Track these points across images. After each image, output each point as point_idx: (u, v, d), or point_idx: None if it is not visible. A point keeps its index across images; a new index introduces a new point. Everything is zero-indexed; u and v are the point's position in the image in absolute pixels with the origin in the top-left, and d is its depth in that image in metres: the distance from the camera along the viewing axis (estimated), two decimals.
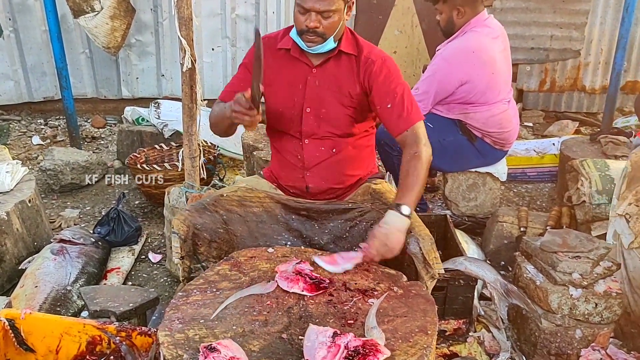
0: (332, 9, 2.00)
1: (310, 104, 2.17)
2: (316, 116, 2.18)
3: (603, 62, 5.59)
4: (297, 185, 2.29)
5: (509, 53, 3.28)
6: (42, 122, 5.44)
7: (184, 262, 2.07)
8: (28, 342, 1.99)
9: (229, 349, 1.45)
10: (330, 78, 2.16)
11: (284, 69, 2.19)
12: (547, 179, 4.27)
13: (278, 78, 2.19)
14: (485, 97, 3.11)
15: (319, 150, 2.22)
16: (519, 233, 2.99)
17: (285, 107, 2.21)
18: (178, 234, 2.05)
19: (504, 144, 3.29)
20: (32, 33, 5.28)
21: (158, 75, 5.64)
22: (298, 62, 2.18)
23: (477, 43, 3.07)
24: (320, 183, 2.27)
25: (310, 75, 2.17)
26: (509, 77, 3.28)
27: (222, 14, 5.48)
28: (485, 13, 3.15)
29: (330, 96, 2.16)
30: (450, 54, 3.12)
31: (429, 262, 1.94)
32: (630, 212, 2.44)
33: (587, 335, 2.26)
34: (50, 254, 2.75)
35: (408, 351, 1.51)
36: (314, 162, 2.24)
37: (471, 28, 3.10)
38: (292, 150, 2.26)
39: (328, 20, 2.02)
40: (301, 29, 2.05)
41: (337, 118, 2.18)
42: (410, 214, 1.94)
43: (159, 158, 3.96)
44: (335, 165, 2.25)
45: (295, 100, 2.18)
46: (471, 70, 3.05)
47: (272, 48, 2.19)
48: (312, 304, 1.72)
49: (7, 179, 2.98)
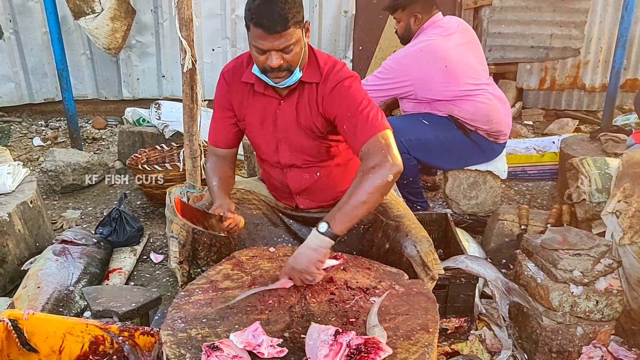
0: (291, 43, 1.83)
1: (282, 137, 2.08)
2: (291, 148, 2.10)
3: (603, 61, 5.59)
4: (288, 204, 2.28)
5: (475, 45, 3.34)
6: (43, 124, 5.45)
7: (182, 267, 2.07)
8: (31, 343, 2.00)
9: (231, 348, 1.46)
10: (295, 112, 2.04)
11: (252, 104, 2.09)
12: (548, 177, 4.27)
13: (249, 112, 2.10)
14: (450, 90, 3.16)
15: (303, 177, 2.16)
16: (520, 231, 2.99)
17: (261, 141, 2.14)
18: (177, 239, 2.04)
19: (498, 136, 3.30)
20: (33, 35, 5.30)
21: (158, 76, 5.65)
22: (264, 97, 2.05)
23: (425, 43, 3.18)
24: (310, 204, 2.24)
25: (279, 109, 2.05)
26: (479, 67, 3.29)
27: (222, 15, 5.49)
28: (439, 15, 3.27)
29: (297, 129, 2.05)
30: (399, 55, 3.25)
31: (428, 264, 1.94)
32: (620, 209, 2.46)
33: (588, 333, 2.27)
34: (53, 255, 2.75)
35: (410, 349, 1.51)
36: (299, 188, 2.19)
37: (423, 31, 3.24)
38: (277, 177, 2.20)
39: (290, 54, 1.86)
40: (263, 67, 1.89)
41: (310, 148, 2.08)
42: (327, 232, 1.75)
43: (160, 158, 3.97)
44: (322, 187, 2.19)
45: (268, 134, 2.10)
46: (420, 67, 3.13)
47: (237, 79, 2.08)
48: (313, 303, 1.73)
49: (8, 181, 2.98)
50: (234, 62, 2.14)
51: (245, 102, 2.09)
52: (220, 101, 2.14)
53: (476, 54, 3.32)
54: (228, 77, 2.11)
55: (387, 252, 2.07)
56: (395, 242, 2.04)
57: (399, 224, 2.07)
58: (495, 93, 3.30)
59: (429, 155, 3.26)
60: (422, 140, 3.18)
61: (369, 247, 2.17)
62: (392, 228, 2.08)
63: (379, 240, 2.12)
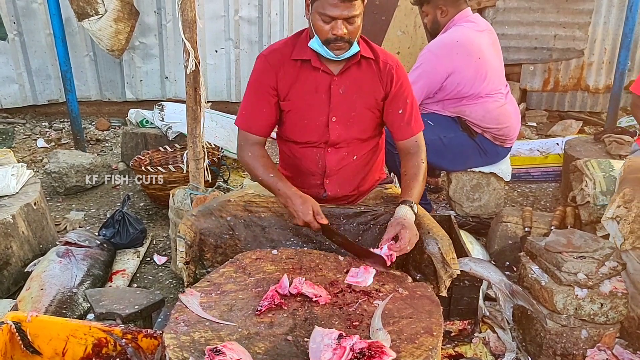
0: (357, 14, 1.97)
1: (336, 112, 2.16)
2: (344, 123, 2.17)
3: (607, 62, 5.58)
4: (313, 192, 2.27)
5: (499, 49, 3.36)
6: (46, 125, 5.46)
7: (188, 267, 2.08)
8: (34, 345, 1.99)
9: (234, 351, 1.45)
10: (355, 84, 2.15)
11: (302, 80, 2.15)
12: (551, 178, 4.26)
13: (297, 90, 2.15)
14: (475, 87, 3.16)
15: (342, 157, 2.24)
16: (524, 233, 2.98)
17: (309, 119, 2.18)
18: (184, 239, 2.05)
19: (504, 140, 3.30)
20: (37, 36, 5.31)
21: (162, 78, 5.65)
22: (317, 72, 2.13)
23: (460, 34, 3.18)
24: (337, 190, 2.29)
25: (333, 83, 2.14)
26: (501, 72, 3.34)
27: (225, 16, 5.50)
28: (469, 11, 3.27)
29: (357, 101, 2.16)
30: (435, 46, 3.24)
31: (447, 261, 1.98)
32: (620, 215, 2.45)
33: (593, 336, 2.26)
34: (56, 257, 2.75)
35: (414, 352, 1.51)
36: (335, 169, 2.25)
37: (455, 24, 3.23)
38: (314, 159, 2.25)
39: (353, 25, 1.99)
40: (327, 38, 2.00)
41: (365, 122, 2.20)
42: (417, 213, 2.05)
43: (163, 160, 3.97)
44: (354, 170, 2.28)
45: (319, 110, 2.16)
46: (456, 59, 3.13)
47: (286, 58, 2.14)
48: (317, 306, 1.72)
49: (12, 182, 2.98)
50: (275, 45, 2.22)
51: (294, 80, 2.14)
52: (261, 84, 2.17)
53: (499, 57, 3.35)
54: (272, 59, 2.15)
55: None
56: None
57: (420, 222, 2.11)
58: (510, 99, 3.32)
59: (433, 155, 3.23)
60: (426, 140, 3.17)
61: None
62: None
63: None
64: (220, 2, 5.44)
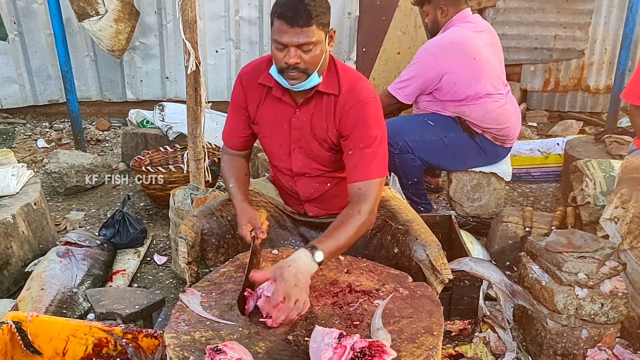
0: (311, 41, 1.80)
1: (296, 144, 2.07)
2: (304, 156, 2.08)
3: (607, 62, 5.58)
4: (296, 210, 2.28)
5: (499, 49, 3.36)
6: (47, 125, 5.46)
7: (191, 267, 2.08)
8: (35, 345, 2.00)
9: (235, 351, 1.45)
10: (310, 120, 2.01)
11: (266, 107, 2.06)
12: (552, 179, 4.26)
13: (262, 115, 2.08)
14: (472, 87, 3.15)
15: (313, 186, 2.16)
16: (524, 233, 2.98)
17: (273, 146, 2.13)
18: (186, 240, 2.06)
19: (505, 140, 3.30)
20: (37, 37, 5.31)
21: (162, 78, 5.65)
22: (281, 103, 2.02)
23: (457, 35, 3.18)
24: (319, 212, 2.25)
25: (294, 116, 2.02)
26: (501, 72, 3.33)
27: (225, 16, 5.49)
28: (469, 11, 3.27)
29: (312, 138, 2.04)
30: (431, 46, 3.25)
31: (437, 268, 1.95)
32: (617, 215, 2.45)
33: (594, 336, 2.26)
34: (56, 257, 2.76)
35: (414, 352, 1.51)
36: (309, 197, 2.20)
37: (453, 24, 3.24)
38: (287, 184, 2.20)
39: (309, 54, 1.82)
40: (281, 66, 1.86)
41: (324, 158, 2.08)
42: (321, 263, 1.73)
43: (164, 160, 3.97)
44: (332, 197, 2.19)
45: (281, 140, 2.08)
46: (451, 59, 3.13)
47: (254, 82, 2.05)
48: (317, 306, 1.72)
49: (12, 182, 2.99)
50: (253, 64, 2.12)
51: (260, 105, 2.07)
52: (236, 103, 2.13)
53: (499, 57, 3.34)
54: (245, 80, 2.09)
55: (396, 256, 2.07)
56: (404, 246, 2.04)
57: (408, 228, 2.07)
58: (510, 99, 3.32)
59: (433, 155, 3.26)
60: (427, 140, 3.19)
61: (375, 251, 2.16)
62: (402, 232, 2.08)
63: (388, 244, 2.12)
64: (220, 2, 5.44)
